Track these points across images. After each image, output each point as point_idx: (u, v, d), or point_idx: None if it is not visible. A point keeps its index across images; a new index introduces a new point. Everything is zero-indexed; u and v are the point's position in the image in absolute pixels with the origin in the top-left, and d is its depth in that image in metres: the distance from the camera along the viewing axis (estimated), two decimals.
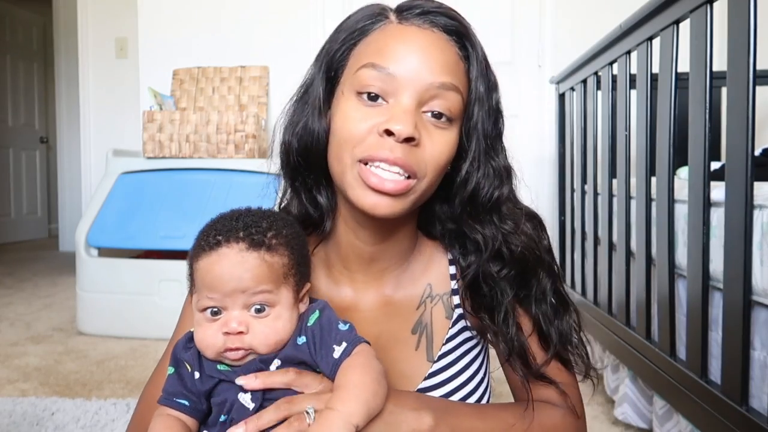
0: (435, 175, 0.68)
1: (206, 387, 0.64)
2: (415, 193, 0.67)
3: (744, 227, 0.98)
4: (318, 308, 0.67)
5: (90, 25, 4.28)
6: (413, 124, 0.64)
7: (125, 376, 2.05)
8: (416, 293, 0.78)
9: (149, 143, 2.78)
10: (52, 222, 6.01)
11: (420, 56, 0.66)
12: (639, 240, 1.48)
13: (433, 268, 0.79)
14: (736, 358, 1.01)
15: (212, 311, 0.63)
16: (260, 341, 0.63)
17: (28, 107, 5.78)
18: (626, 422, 1.59)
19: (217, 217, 0.69)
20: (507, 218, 0.73)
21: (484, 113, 0.70)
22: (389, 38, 0.68)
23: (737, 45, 0.98)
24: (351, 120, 0.67)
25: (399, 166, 0.65)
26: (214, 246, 0.64)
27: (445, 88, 0.67)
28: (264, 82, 3.20)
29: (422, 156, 0.66)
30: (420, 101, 0.66)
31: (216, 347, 0.63)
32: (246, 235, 0.64)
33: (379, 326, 0.76)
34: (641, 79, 1.46)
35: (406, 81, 0.66)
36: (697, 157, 1.15)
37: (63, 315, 2.91)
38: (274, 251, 0.64)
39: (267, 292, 0.63)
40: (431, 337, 0.77)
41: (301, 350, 0.64)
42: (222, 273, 0.62)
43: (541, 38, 3.14)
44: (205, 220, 0.70)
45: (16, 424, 1.63)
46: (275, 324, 0.63)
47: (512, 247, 0.73)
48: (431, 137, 0.67)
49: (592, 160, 1.95)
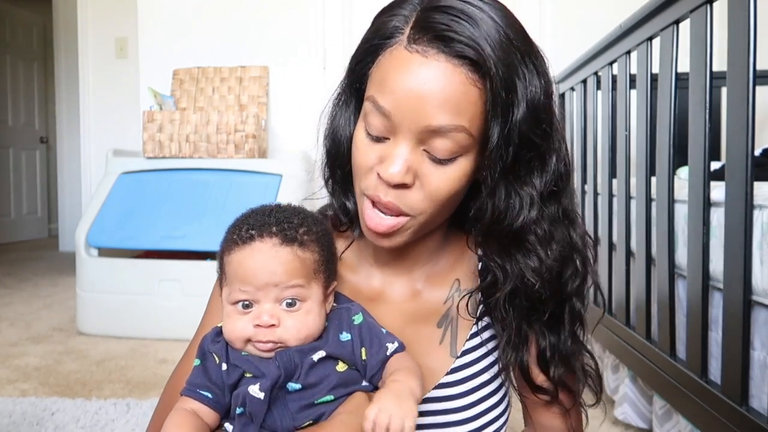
0: (436, 209, 0.68)
1: (232, 379, 0.65)
2: (412, 228, 0.69)
3: (744, 227, 0.98)
4: (360, 310, 0.70)
5: (90, 25, 4.28)
6: (404, 170, 0.64)
7: (125, 376, 2.05)
8: (444, 287, 0.78)
9: (149, 143, 2.78)
10: (52, 222, 6.01)
11: (419, 96, 0.62)
12: (639, 240, 1.48)
13: (464, 263, 0.79)
14: (736, 358, 1.01)
15: (243, 304, 0.65)
16: (291, 335, 0.64)
17: (28, 107, 5.77)
18: (626, 422, 1.59)
19: (247, 211, 0.70)
20: (531, 253, 0.69)
21: (503, 136, 0.64)
22: (391, 68, 0.65)
23: (737, 45, 0.98)
24: (359, 152, 0.69)
25: (389, 210, 0.67)
26: (248, 240, 0.65)
27: (445, 129, 0.63)
28: (264, 82, 3.20)
29: (416, 197, 0.66)
30: (419, 140, 0.64)
31: (245, 338, 0.64)
32: (279, 230, 0.65)
33: (406, 318, 0.76)
34: (641, 79, 1.46)
35: (401, 122, 0.64)
36: (697, 157, 1.15)
37: (63, 315, 2.91)
38: (306, 247, 0.66)
39: (299, 286, 0.64)
40: (456, 333, 0.77)
41: (344, 346, 0.66)
42: (255, 267, 0.64)
43: (541, 38, 3.13)
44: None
45: (16, 424, 1.63)
46: (306, 318, 0.65)
47: (528, 284, 0.69)
48: (431, 174, 0.66)
49: (592, 160, 1.95)
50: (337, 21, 3.21)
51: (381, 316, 0.73)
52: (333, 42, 3.21)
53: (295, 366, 0.64)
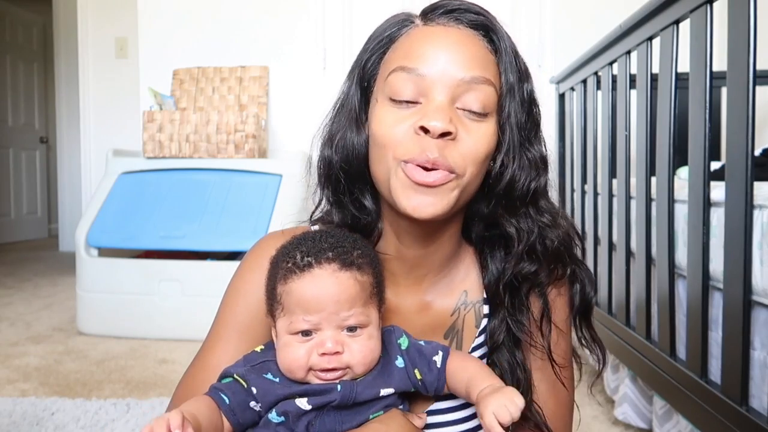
0: (476, 170, 0.68)
1: (274, 398, 0.64)
2: (458, 188, 0.67)
3: (744, 227, 0.98)
4: (402, 332, 0.70)
5: (90, 25, 4.28)
6: (448, 119, 0.65)
7: (125, 376, 2.05)
8: (452, 299, 0.78)
9: (149, 143, 2.78)
10: (52, 222, 6.01)
11: (448, 53, 0.67)
12: (639, 240, 1.48)
13: (471, 275, 0.79)
14: (736, 358, 1.01)
15: (303, 333, 0.63)
16: (358, 360, 0.63)
17: (28, 107, 5.77)
18: (626, 422, 1.59)
19: (292, 239, 0.69)
20: (545, 211, 0.73)
21: (516, 104, 0.70)
22: (416, 41, 0.69)
23: (737, 45, 0.98)
24: (387, 125, 0.68)
25: (437, 166, 0.65)
26: (306, 267, 0.64)
27: (476, 81, 0.67)
28: (264, 82, 3.20)
29: (461, 150, 0.66)
30: (453, 97, 0.67)
31: (308, 367, 0.63)
32: (336, 255, 0.64)
33: (415, 330, 0.76)
34: (641, 79, 1.46)
35: (436, 79, 0.66)
36: (697, 157, 1.15)
37: (63, 315, 2.91)
38: (363, 270, 0.65)
39: (360, 313, 0.64)
40: (461, 344, 0.77)
41: (401, 374, 0.67)
42: (319, 294, 0.63)
43: (541, 38, 3.14)
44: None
45: (16, 424, 1.63)
46: (369, 343, 0.64)
47: (547, 242, 0.73)
48: (468, 131, 0.67)
49: (592, 160, 1.95)
50: (337, 21, 3.21)
51: None
52: (333, 42, 3.21)
53: (354, 396, 0.64)
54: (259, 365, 0.66)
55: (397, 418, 0.67)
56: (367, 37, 0.75)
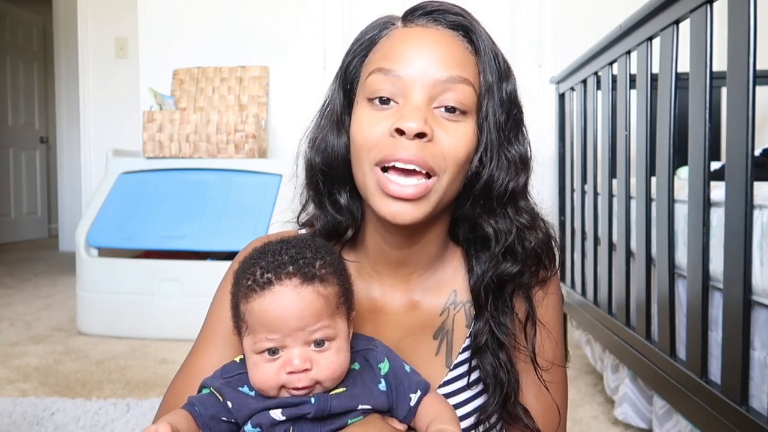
0: (455, 170, 0.68)
1: (248, 411, 0.64)
2: (437, 193, 0.67)
3: (744, 227, 0.98)
4: (384, 355, 0.68)
5: (90, 25, 4.28)
6: (423, 120, 0.65)
7: (125, 376, 2.05)
8: (441, 299, 0.78)
9: (149, 143, 2.78)
10: (52, 222, 6.01)
11: (426, 54, 0.67)
12: (639, 240, 1.48)
13: (460, 274, 0.79)
14: (736, 358, 1.01)
15: (270, 351, 0.62)
16: (326, 376, 0.62)
17: (28, 107, 5.77)
18: (626, 422, 1.59)
19: (253, 252, 0.66)
20: (524, 212, 0.73)
21: (495, 104, 0.70)
22: (395, 42, 0.70)
23: (737, 45, 0.98)
24: (364, 126, 0.68)
25: (414, 163, 0.65)
26: (265, 285, 0.62)
27: (454, 81, 0.67)
28: (264, 82, 3.20)
29: (438, 151, 0.66)
30: (430, 97, 0.67)
31: (278, 386, 0.62)
32: (296, 269, 0.62)
33: (403, 329, 0.76)
34: (641, 79, 1.46)
35: (413, 79, 0.67)
36: (697, 157, 1.15)
37: (63, 315, 2.91)
38: (327, 282, 0.63)
39: (326, 326, 0.62)
40: (451, 344, 0.77)
41: (383, 396, 0.66)
42: (281, 313, 0.61)
43: (541, 38, 3.14)
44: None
45: (16, 424, 1.63)
46: (338, 357, 0.63)
47: (526, 243, 0.72)
48: (446, 131, 0.67)
49: (592, 160, 1.95)
50: (337, 21, 3.21)
51: (380, 327, 0.74)
52: (333, 42, 3.21)
53: (329, 409, 0.63)
54: (236, 377, 0.66)
55: (377, 422, 0.65)
56: (352, 40, 0.75)
